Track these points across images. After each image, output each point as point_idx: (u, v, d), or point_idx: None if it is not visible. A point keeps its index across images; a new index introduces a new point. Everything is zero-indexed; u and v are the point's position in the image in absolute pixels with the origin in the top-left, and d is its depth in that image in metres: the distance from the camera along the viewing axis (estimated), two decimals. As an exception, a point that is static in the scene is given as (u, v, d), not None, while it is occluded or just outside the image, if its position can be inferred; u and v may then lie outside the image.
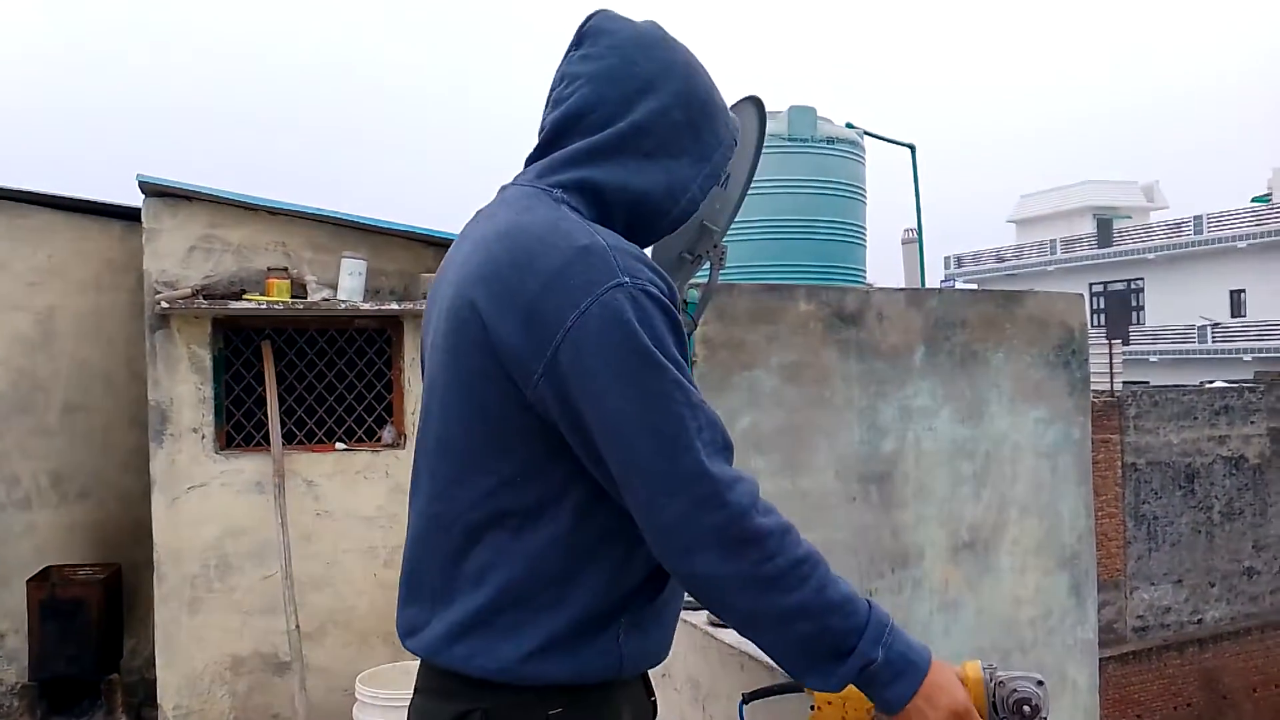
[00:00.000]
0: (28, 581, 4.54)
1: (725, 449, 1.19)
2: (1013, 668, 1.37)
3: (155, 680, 4.30)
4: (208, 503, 4.33)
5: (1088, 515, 5.79)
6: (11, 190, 4.74)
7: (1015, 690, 1.30)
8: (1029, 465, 5.56)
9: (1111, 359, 16.01)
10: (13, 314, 4.75)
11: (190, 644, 4.28)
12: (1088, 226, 33.67)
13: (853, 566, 5.10)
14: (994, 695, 1.31)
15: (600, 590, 1.25)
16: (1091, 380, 13.21)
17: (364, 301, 4.35)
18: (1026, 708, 1.29)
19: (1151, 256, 29.59)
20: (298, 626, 4.22)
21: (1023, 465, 5.55)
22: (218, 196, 4.35)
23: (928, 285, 7.57)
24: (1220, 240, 27.88)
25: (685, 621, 2.48)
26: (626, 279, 1.15)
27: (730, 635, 2.29)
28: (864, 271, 6.43)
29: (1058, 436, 5.66)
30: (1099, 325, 28.97)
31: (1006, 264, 34.28)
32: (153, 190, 4.30)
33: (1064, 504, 5.67)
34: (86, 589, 4.51)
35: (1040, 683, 1.31)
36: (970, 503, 5.40)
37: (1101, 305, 31.37)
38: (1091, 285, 31.29)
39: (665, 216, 1.37)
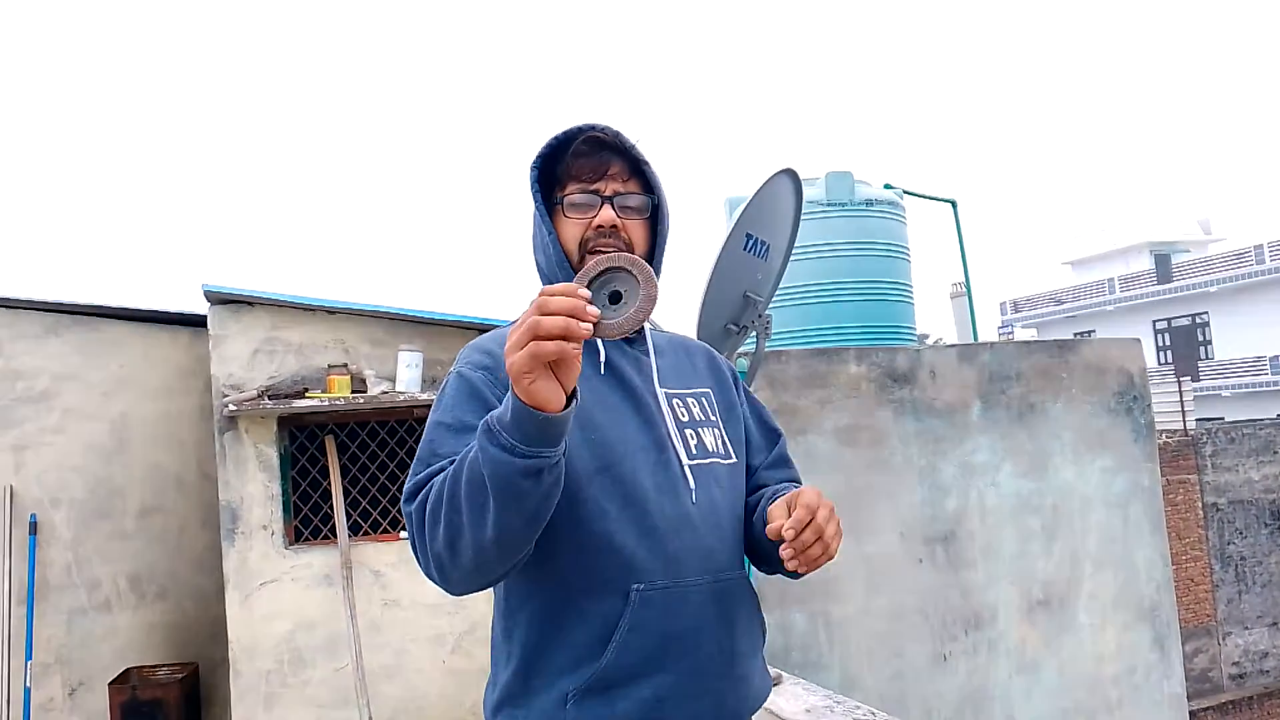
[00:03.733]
0: (109, 684, 4.65)
1: (424, 465, 1.35)
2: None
3: (235, 778, 4.35)
4: (279, 598, 4.42)
5: (1165, 564, 5.63)
6: (83, 305, 4.97)
7: None
8: (1099, 517, 5.45)
9: (1182, 397, 15.61)
10: (89, 423, 4.94)
11: (267, 740, 4.34)
12: (1145, 263, 33.10)
13: (925, 631, 5.01)
14: None
15: (526, 650, 1.39)
16: (1163, 420, 12.91)
17: (421, 391, 4.46)
18: None
19: (1214, 289, 28.93)
20: (371, 718, 4.26)
21: (1092, 517, 5.43)
22: (278, 300, 4.52)
23: (982, 335, 7.51)
24: (1285, 268, 27.21)
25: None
26: (456, 366, 1.46)
27: (797, 715, 2.29)
28: (914, 329, 6.42)
29: (1126, 485, 5.54)
30: (1166, 363, 28.29)
31: (1065, 306, 33.75)
32: (217, 298, 4.48)
33: (1139, 554, 5.53)
34: (165, 689, 4.60)
35: None
36: (1041, 559, 5.29)
37: (1167, 342, 30.67)
38: (1155, 322, 30.65)
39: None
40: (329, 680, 4.41)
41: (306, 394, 4.44)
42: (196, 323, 4.92)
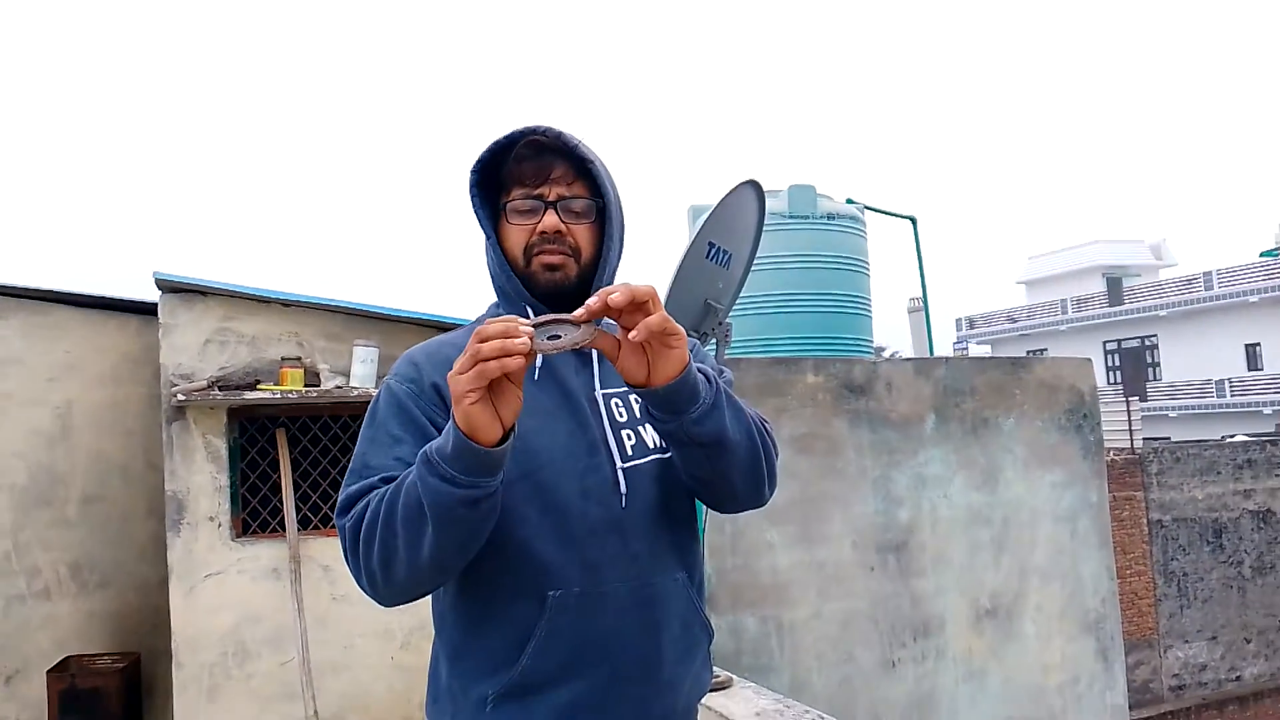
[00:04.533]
0: (48, 672, 4.54)
1: (358, 477, 1.39)
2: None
3: (173, 773, 4.27)
4: (225, 590, 4.35)
5: (1110, 578, 5.72)
6: (29, 289, 4.86)
7: None
8: (1047, 530, 5.52)
9: (1130, 416, 15.91)
10: (32, 409, 4.83)
11: (208, 735, 4.26)
12: (1098, 286, 33.76)
13: (874, 637, 5.05)
14: None
15: (450, 652, 1.44)
16: (1111, 438, 13.16)
17: (375, 387, 4.42)
18: None
19: (1164, 313, 29.56)
20: (316, 713, 4.20)
21: (1041, 530, 5.51)
22: (232, 290, 4.45)
23: (938, 350, 7.60)
24: (1232, 295, 27.87)
25: (702, 705, 2.48)
26: (389, 377, 1.49)
27: (713, 699, 2.29)
28: (871, 342, 6.48)
29: (1075, 500, 5.63)
30: (1115, 383, 28.86)
31: (1019, 324, 34.30)
32: (169, 286, 4.40)
33: (1086, 568, 5.61)
34: (106, 679, 4.50)
35: None
36: (990, 570, 5.35)
37: (1117, 363, 31.28)
38: (1105, 343, 31.25)
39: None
40: (274, 674, 4.35)
41: (258, 386, 4.37)
42: (147, 310, 4.83)
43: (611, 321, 1.26)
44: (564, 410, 1.44)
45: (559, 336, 1.21)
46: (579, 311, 1.21)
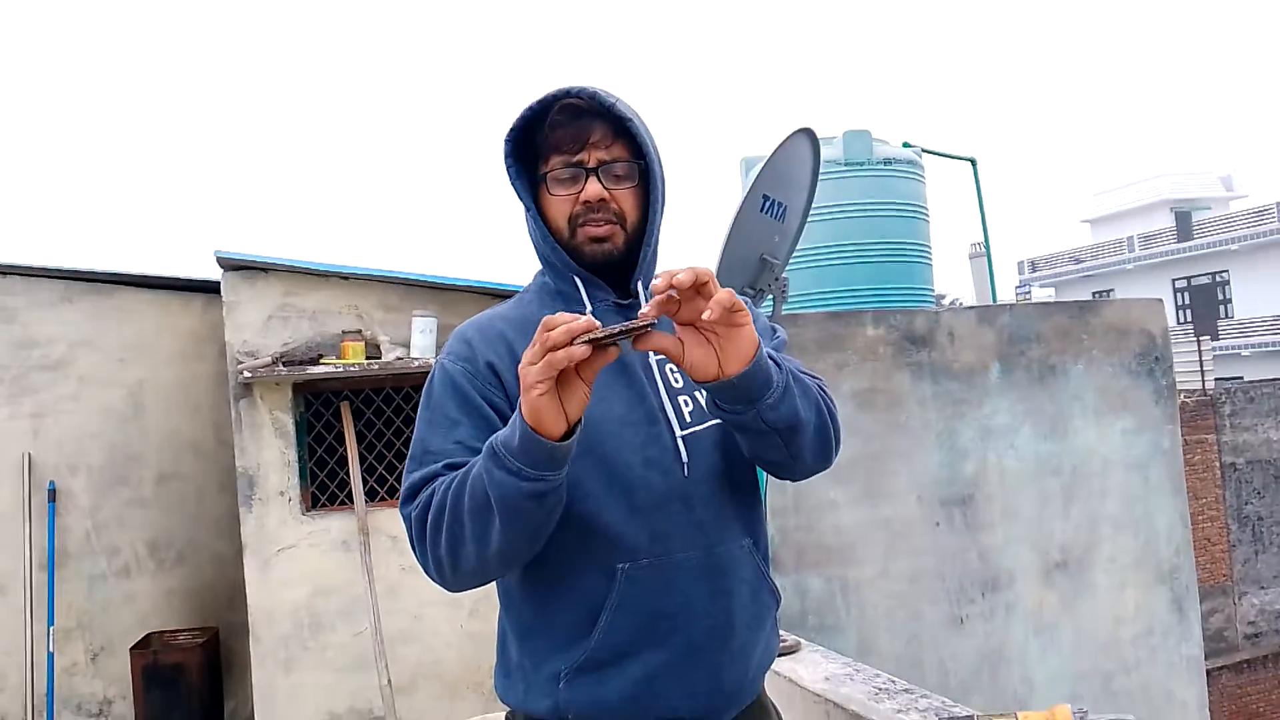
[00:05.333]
0: (131, 649, 4.69)
1: (419, 464, 1.38)
2: (1116, 691, 1.35)
3: (256, 741, 4.40)
4: (297, 563, 4.44)
5: (1184, 526, 5.59)
6: (97, 273, 4.96)
7: None
8: (1119, 479, 5.41)
9: (1201, 356, 15.49)
10: (105, 390, 4.95)
11: (288, 703, 4.38)
12: (1166, 221, 32.72)
13: (941, 594, 5.00)
14: None
15: (521, 629, 1.43)
16: (1182, 379, 12.84)
17: (435, 357, 4.44)
18: None
19: (1235, 247, 28.58)
20: (389, 682, 4.29)
21: (1112, 479, 5.39)
22: (292, 266, 4.49)
23: (1000, 295, 7.44)
24: (1308, 225, 26.87)
25: (770, 670, 2.47)
26: (442, 356, 1.48)
27: (817, 684, 2.28)
28: (931, 291, 6.36)
29: (1147, 447, 5.49)
30: (1185, 322, 28.06)
31: (1083, 265, 33.44)
32: (230, 265, 4.45)
33: (1159, 516, 5.49)
34: (186, 654, 4.64)
35: None
36: (1059, 521, 5.26)
37: (1186, 301, 30.40)
38: (1175, 281, 30.36)
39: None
40: (348, 644, 4.44)
41: (321, 360, 4.42)
42: (210, 289, 4.91)
43: (667, 319, 1.22)
44: (620, 379, 1.41)
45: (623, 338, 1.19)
46: (646, 310, 1.18)
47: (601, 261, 1.44)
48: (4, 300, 4.86)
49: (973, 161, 7.07)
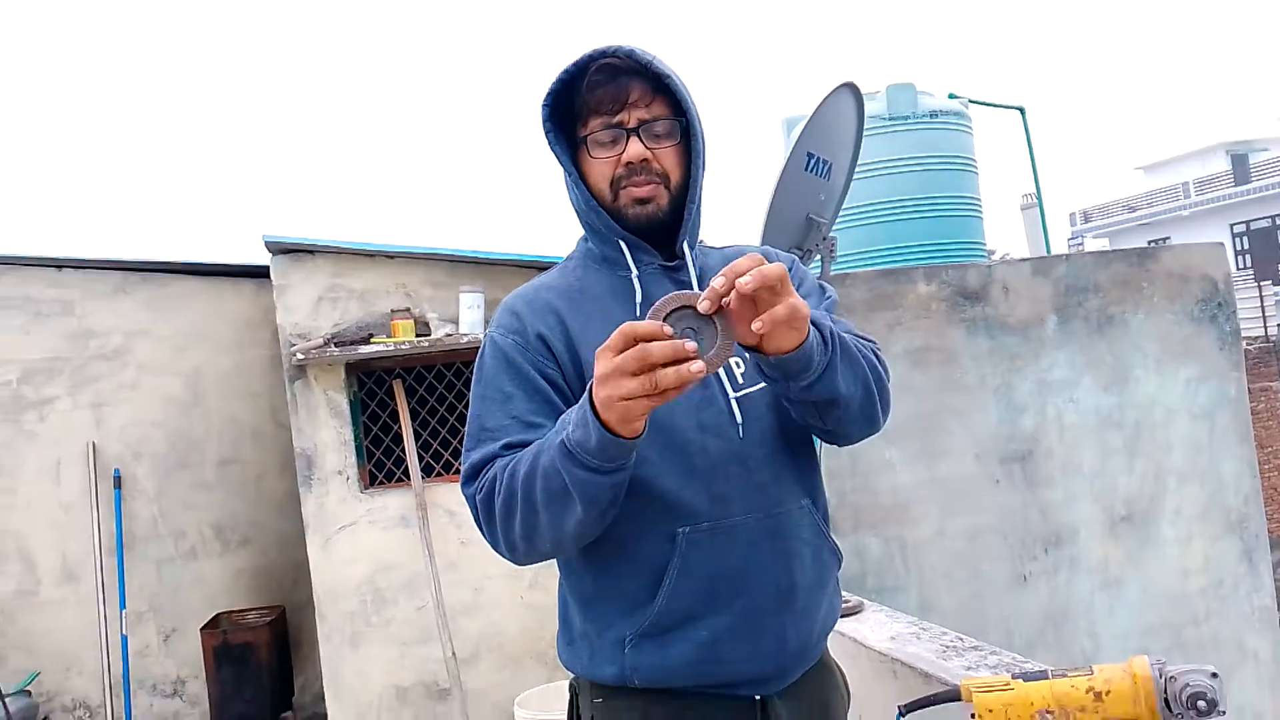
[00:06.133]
0: (201, 629, 4.80)
1: (477, 441, 1.38)
2: (1186, 644, 1.31)
3: (327, 715, 4.49)
4: (358, 541, 4.50)
5: (1253, 475, 5.45)
6: (149, 262, 5.03)
7: (1188, 685, 1.23)
8: (1183, 429, 5.28)
9: (1263, 302, 15.10)
10: (164, 378, 5.04)
11: (355, 678, 4.45)
12: (1222, 164, 31.80)
13: (1003, 551, 4.93)
14: (1165, 691, 1.24)
15: (583, 596, 1.42)
16: (1244, 327, 12.53)
17: (484, 332, 4.44)
18: (1202, 703, 1.21)
19: (1296, 188, 27.73)
20: (454, 654, 4.35)
21: (1176, 430, 5.26)
22: (338, 247, 4.52)
23: (1053, 248, 7.28)
24: (1372, 162, 25.92)
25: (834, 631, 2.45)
26: (491, 329, 1.48)
27: (881, 644, 2.25)
28: (983, 245, 6.23)
29: (1212, 395, 5.35)
30: (1245, 267, 27.31)
31: (1138, 214, 32.65)
32: (278, 248, 4.49)
33: (1226, 466, 5.35)
34: (255, 632, 4.74)
35: (1214, 675, 1.23)
36: (1123, 474, 5.15)
37: (1246, 246, 29.56)
38: (1233, 226, 29.53)
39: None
40: (411, 618, 4.50)
41: (372, 340, 4.45)
42: (260, 274, 4.96)
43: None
44: None
45: (692, 330, 1.15)
46: (704, 303, 1.14)
47: (646, 223, 1.42)
48: (60, 293, 4.96)
49: (1021, 110, 6.91)
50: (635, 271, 1.44)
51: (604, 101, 1.39)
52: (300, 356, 4.33)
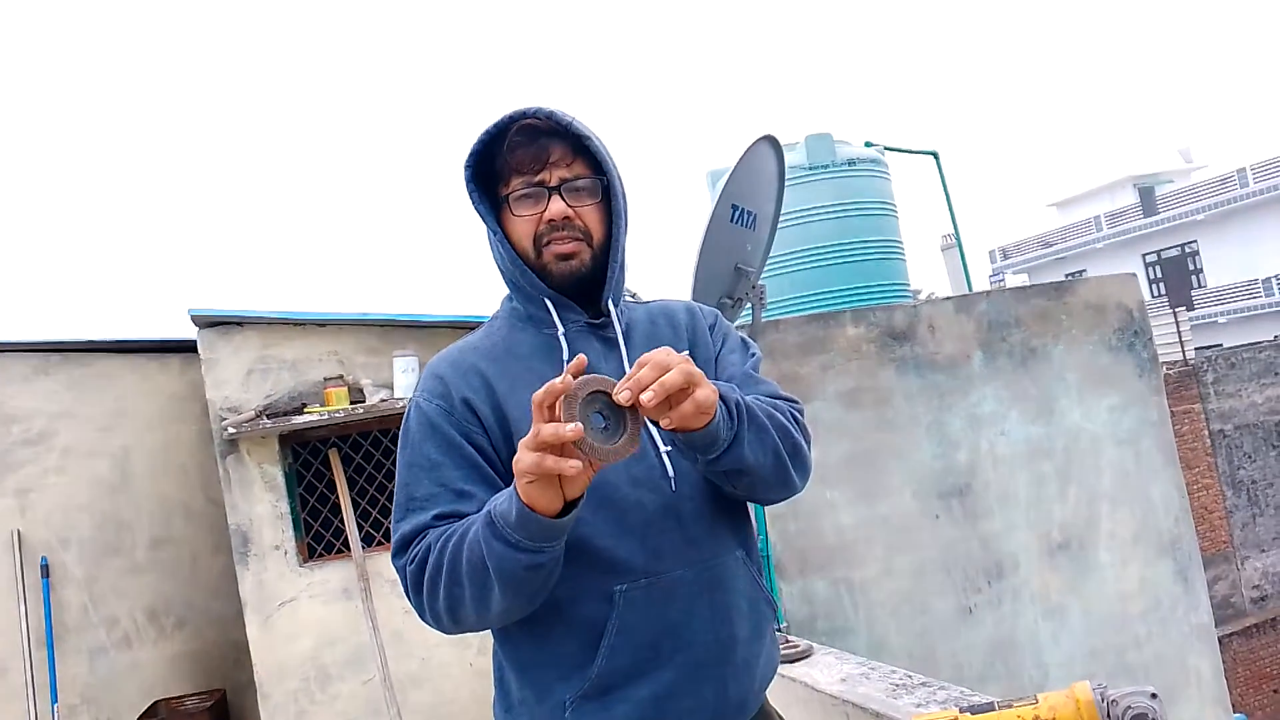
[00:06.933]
0: (139, 719, 4.63)
1: (405, 512, 1.37)
2: (1130, 666, 1.34)
3: (273, 800, 4.34)
4: (299, 616, 4.39)
5: (1181, 496, 5.61)
6: (69, 342, 4.92)
7: (1130, 707, 1.26)
8: (1111, 455, 5.42)
9: (1179, 327, 15.63)
10: (90, 460, 4.90)
11: (301, 759, 4.32)
12: (1130, 197, 33.08)
13: (948, 585, 5.00)
14: (1108, 715, 1.27)
15: (520, 661, 1.40)
16: (1162, 351, 12.95)
17: (420, 396, 4.42)
18: None
19: (1201, 217, 28.90)
20: (403, 727, 4.24)
21: (1104, 456, 5.41)
22: (267, 318, 4.47)
23: (975, 285, 7.49)
24: (1270, 189, 27.18)
25: (785, 676, 2.46)
26: (416, 394, 1.45)
27: (833, 686, 2.26)
28: (907, 285, 6.39)
29: (1135, 421, 5.52)
30: (1159, 295, 28.30)
31: (1054, 248, 33.72)
32: (205, 322, 4.43)
33: (1155, 489, 5.51)
34: (195, 718, 4.58)
35: (1154, 695, 1.27)
36: (1057, 502, 5.27)
37: (1159, 274, 30.69)
38: (1145, 256, 30.65)
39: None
40: (358, 693, 4.39)
41: (305, 409, 4.40)
42: (187, 348, 4.87)
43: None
44: None
45: (604, 415, 1.17)
46: (621, 395, 1.16)
47: (570, 280, 1.43)
48: (-21, 378, 4.81)
49: (935, 155, 7.13)
50: (561, 329, 1.44)
51: (525, 161, 1.40)
52: (232, 430, 4.26)
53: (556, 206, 1.39)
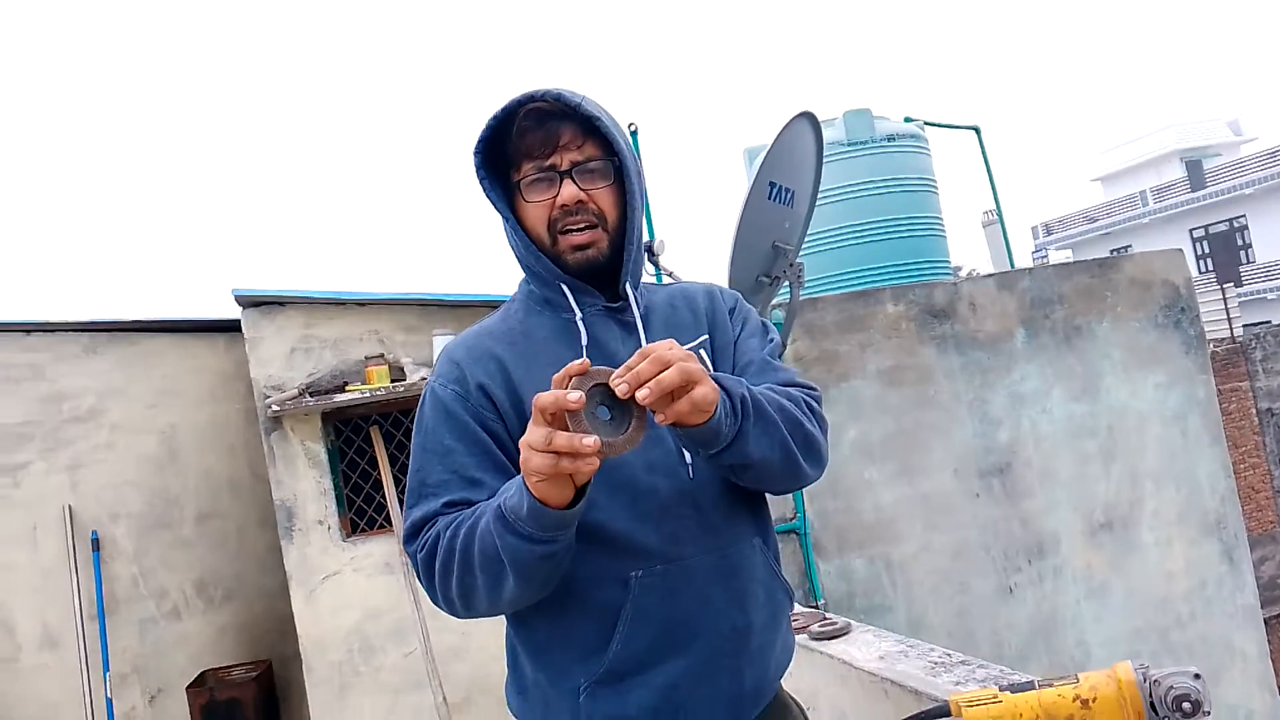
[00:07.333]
0: (187, 688, 4.74)
1: (417, 498, 1.37)
2: (1173, 646, 1.33)
3: (318, 769, 4.43)
4: (343, 590, 4.46)
5: (1227, 475, 5.53)
6: (120, 322, 5.01)
7: (1173, 688, 1.25)
8: (1156, 433, 5.35)
9: (1227, 304, 15.32)
10: (139, 437, 4.99)
11: (346, 730, 4.41)
12: (1177, 171, 32.41)
13: (988, 564, 4.97)
14: (1151, 695, 1.26)
15: (535, 645, 1.40)
16: (1209, 329, 12.73)
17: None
18: (1186, 704, 1.23)
19: (1250, 191, 28.26)
20: (445, 699, 4.31)
21: (1149, 434, 5.34)
22: (309, 297, 4.52)
23: (1017, 261, 7.39)
24: (1322, 161, 26.52)
25: (823, 654, 2.46)
26: (431, 379, 1.45)
27: (871, 664, 2.27)
28: (948, 262, 6.32)
29: (1181, 399, 5.44)
30: (1207, 271, 27.76)
31: (1099, 224, 33.15)
32: (249, 301, 4.49)
33: (1200, 468, 5.43)
34: (242, 688, 4.67)
35: (1198, 676, 1.25)
36: (1100, 481, 5.21)
37: (1206, 250, 30.07)
38: (1192, 231, 30.04)
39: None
40: (400, 665, 4.46)
41: (347, 388, 4.45)
42: (232, 328, 4.94)
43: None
44: None
45: (607, 406, 1.16)
46: (621, 387, 1.13)
47: (587, 269, 1.41)
48: (30, 357, 4.91)
49: (976, 130, 7.02)
50: (579, 313, 1.42)
51: (535, 146, 1.38)
52: (275, 408, 4.32)
53: (569, 191, 1.37)
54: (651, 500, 1.35)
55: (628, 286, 1.45)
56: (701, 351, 1.46)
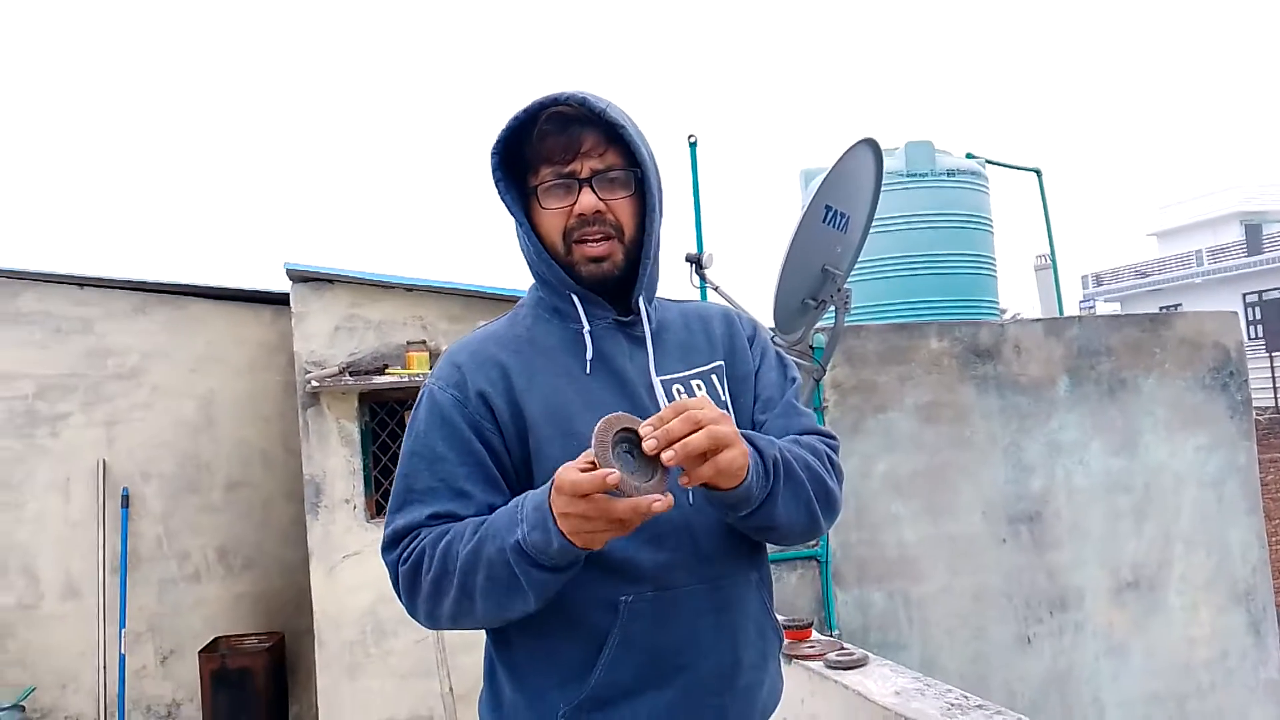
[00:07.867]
0: (199, 652, 4.79)
1: (401, 504, 1.33)
2: (1189, 715, 1.30)
3: (320, 746, 4.45)
4: (362, 570, 4.49)
5: (1261, 545, 5.41)
6: (169, 284, 5.09)
7: None
8: (1192, 496, 5.25)
9: (1275, 372, 15.06)
10: (178, 399, 5.07)
11: (351, 708, 4.43)
12: (1235, 234, 31.92)
13: (1008, 612, 4.90)
14: None
15: (516, 665, 1.36)
16: (1255, 397, 12.50)
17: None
18: None
19: (1309, 260, 27.77)
20: (451, 689, 4.32)
21: (1185, 496, 5.24)
22: (358, 278, 4.57)
23: (1066, 309, 7.31)
24: (1387, 238, 25.98)
25: (837, 683, 2.44)
26: (430, 380, 1.42)
27: (886, 699, 2.24)
28: (996, 303, 6.26)
29: (1221, 463, 5.33)
30: (1257, 338, 27.29)
31: (1150, 279, 32.70)
32: (299, 276, 4.54)
33: (1233, 535, 5.32)
34: (253, 658, 4.72)
35: None
36: (1131, 539, 5.13)
37: (1258, 316, 29.55)
38: (1245, 296, 29.54)
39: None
40: (410, 650, 4.48)
41: (386, 370, 4.49)
42: (279, 301, 5.01)
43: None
44: (622, 402, 1.32)
45: (631, 455, 1.14)
46: (649, 444, 1.11)
47: (600, 281, 1.37)
48: (80, 310, 5.01)
49: (1038, 172, 6.96)
50: (587, 325, 1.38)
51: (555, 150, 1.33)
52: (315, 384, 4.36)
53: (587, 200, 1.33)
54: (648, 526, 1.25)
55: (640, 301, 1.41)
56: (714, 378, 1.43)
